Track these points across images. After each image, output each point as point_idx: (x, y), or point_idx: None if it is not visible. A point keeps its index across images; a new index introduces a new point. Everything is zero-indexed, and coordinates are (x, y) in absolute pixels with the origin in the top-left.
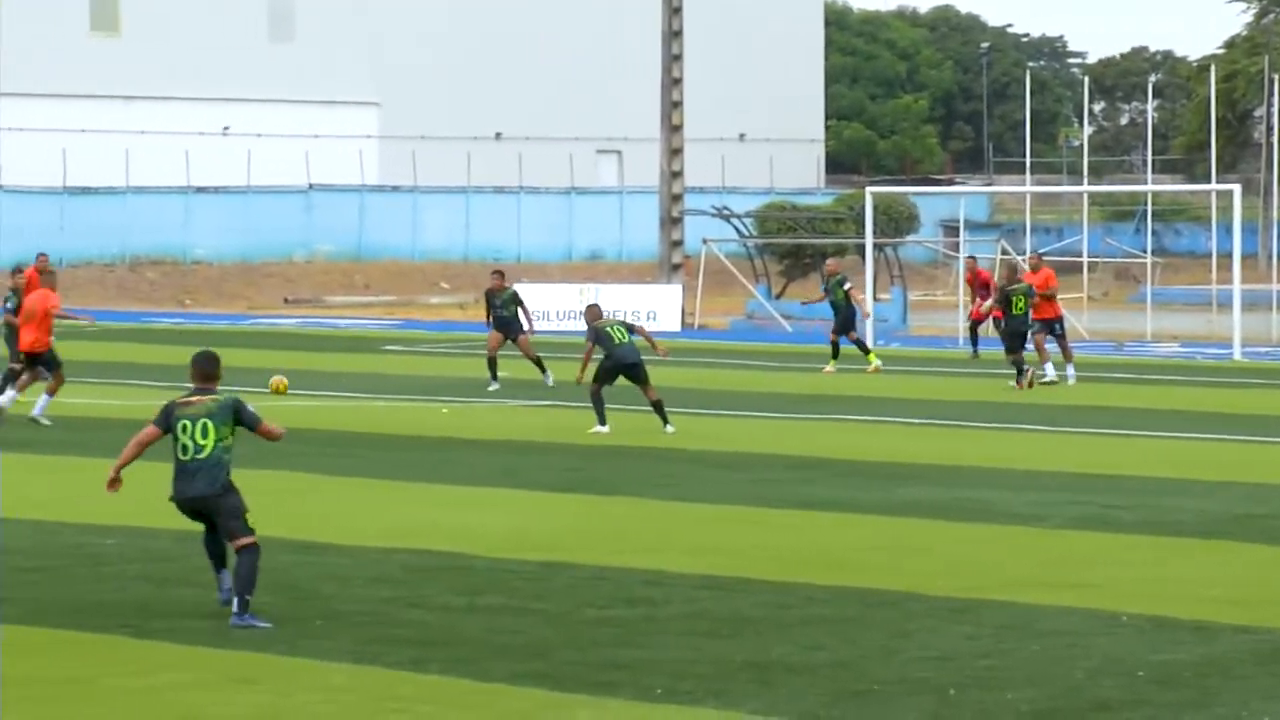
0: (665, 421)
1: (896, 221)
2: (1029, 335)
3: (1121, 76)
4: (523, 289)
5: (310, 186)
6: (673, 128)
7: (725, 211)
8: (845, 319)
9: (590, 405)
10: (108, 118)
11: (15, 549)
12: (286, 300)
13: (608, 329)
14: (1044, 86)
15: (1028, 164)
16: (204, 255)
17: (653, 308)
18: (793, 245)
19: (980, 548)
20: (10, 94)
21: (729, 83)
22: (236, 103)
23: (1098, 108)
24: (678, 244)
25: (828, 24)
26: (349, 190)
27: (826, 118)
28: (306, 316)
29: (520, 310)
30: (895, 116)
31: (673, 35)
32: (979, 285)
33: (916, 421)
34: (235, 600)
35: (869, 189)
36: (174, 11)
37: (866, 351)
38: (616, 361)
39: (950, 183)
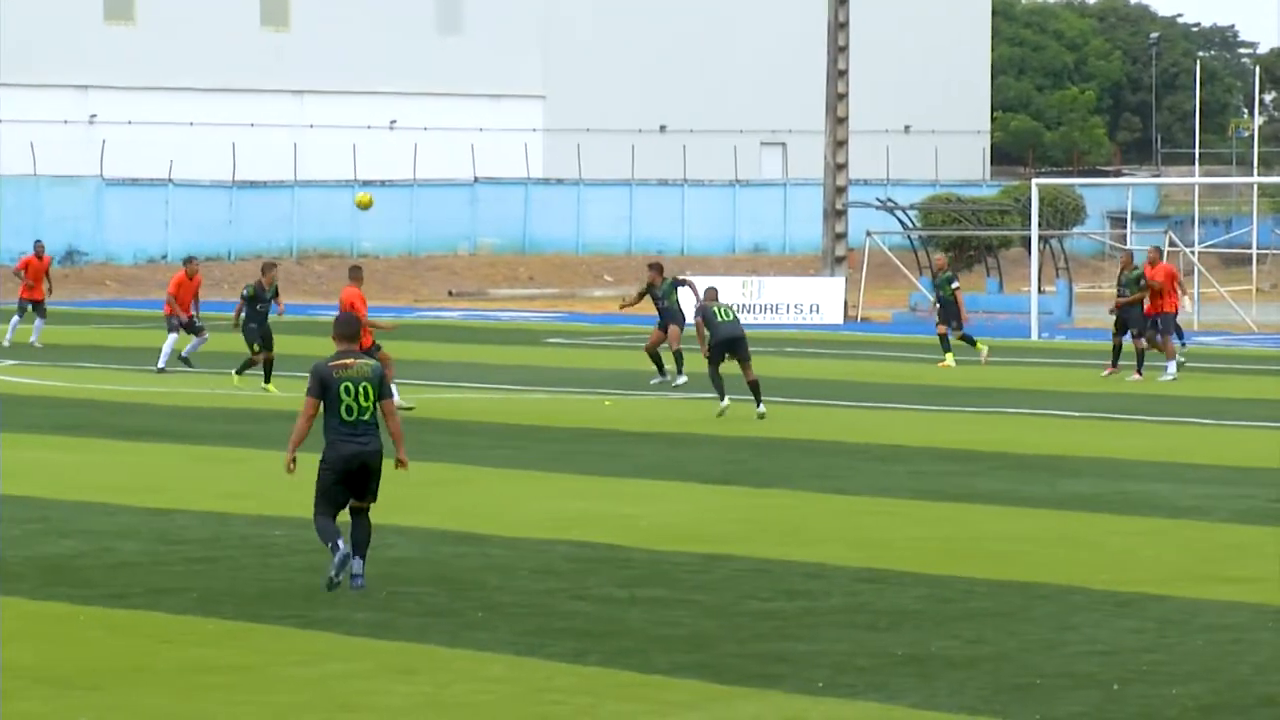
0: (758, 402)
1: (1062, 213)
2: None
3: None
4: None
5: (475, 179)
6: (837, 120)
7: (889, 204)
8: (950, 313)
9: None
10: (277, 112)
11: (187, 539)
12: (451, 293)
13: (713, 308)
14: (1214, 77)
15: (1196, 155)
16: (370, 248)
17: (816, 300)
18: (957, 237)
19: (1144, 541)
20: (182, 89)
21: (894, 74)
22: (404, 96)
23: (1268, 98)
24: (841, 236)
25: (995, 14)
26: (514, 183)
27: (993, 109)
28: (470, 309)
29: (686, 290)
30: (1062, 108)
31: (839, 26)
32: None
33: (1079, 414)
34: (356, 561)
35: (1035, 181)
36: (343, 6)
37: (972, 342)
38: (722, 337)
39: (1117, 174)
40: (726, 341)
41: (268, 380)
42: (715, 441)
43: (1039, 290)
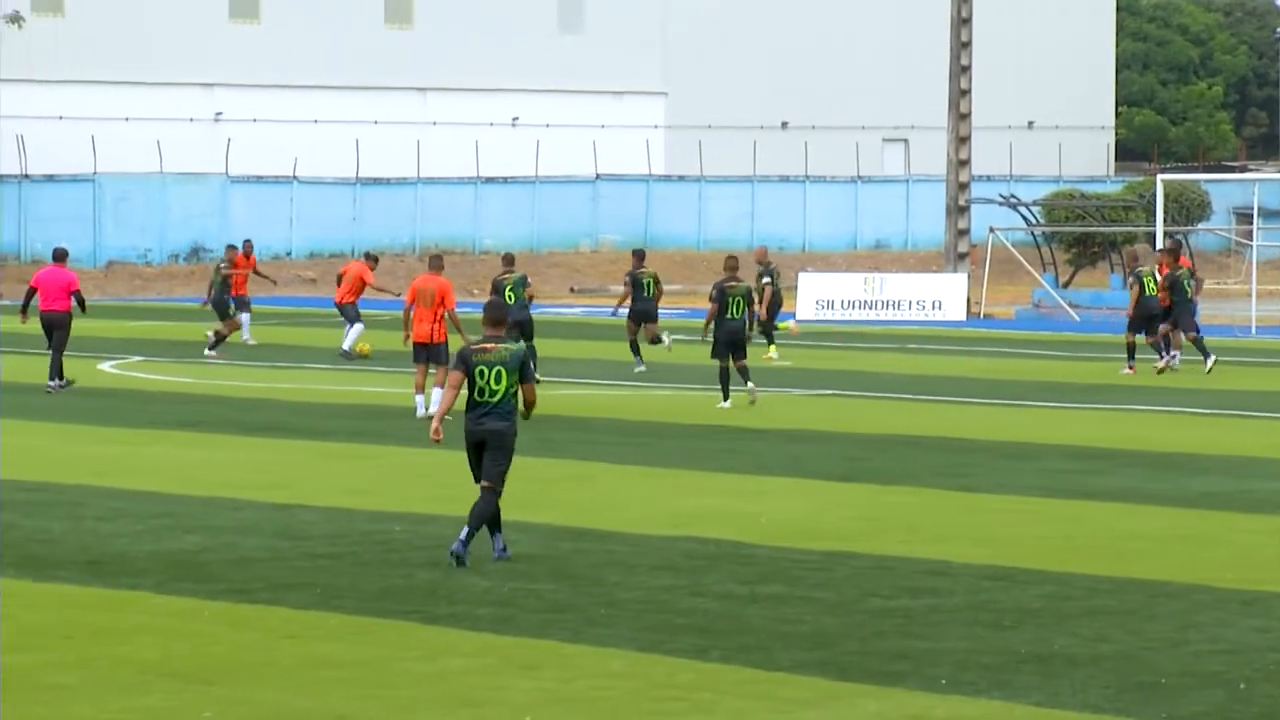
0: (745, 380)
1: (1188, 209)
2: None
3: None
4: (807, 278)
5: (597, 176)
6: (960, 115)
7: (1012, 199)
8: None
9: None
10: (400, 109)
11: (310, 535)
12: (572, 290)
13: (729, 298)
14: None
15: None
16: (492, 245)
17: (938, 297)
18: (1081, 234)
19: (1270, 539)
20: (306, 86)
21: (1017, 70)
22: (525, 93)
23: None
24: (964, 232)
25: (1119, 9)
26: (635, 180)
27: (1117, 104)
28: (591, 306)
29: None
30: (1188, 103)
31: (961, 22)
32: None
33: (1206, 411)
34: (466, 530)
35: (1160, 176)
36: (465, 4)
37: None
38: (727, 334)
39: (1243, 169)
40: (729, 341)
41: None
42: (835, 439)
43: None
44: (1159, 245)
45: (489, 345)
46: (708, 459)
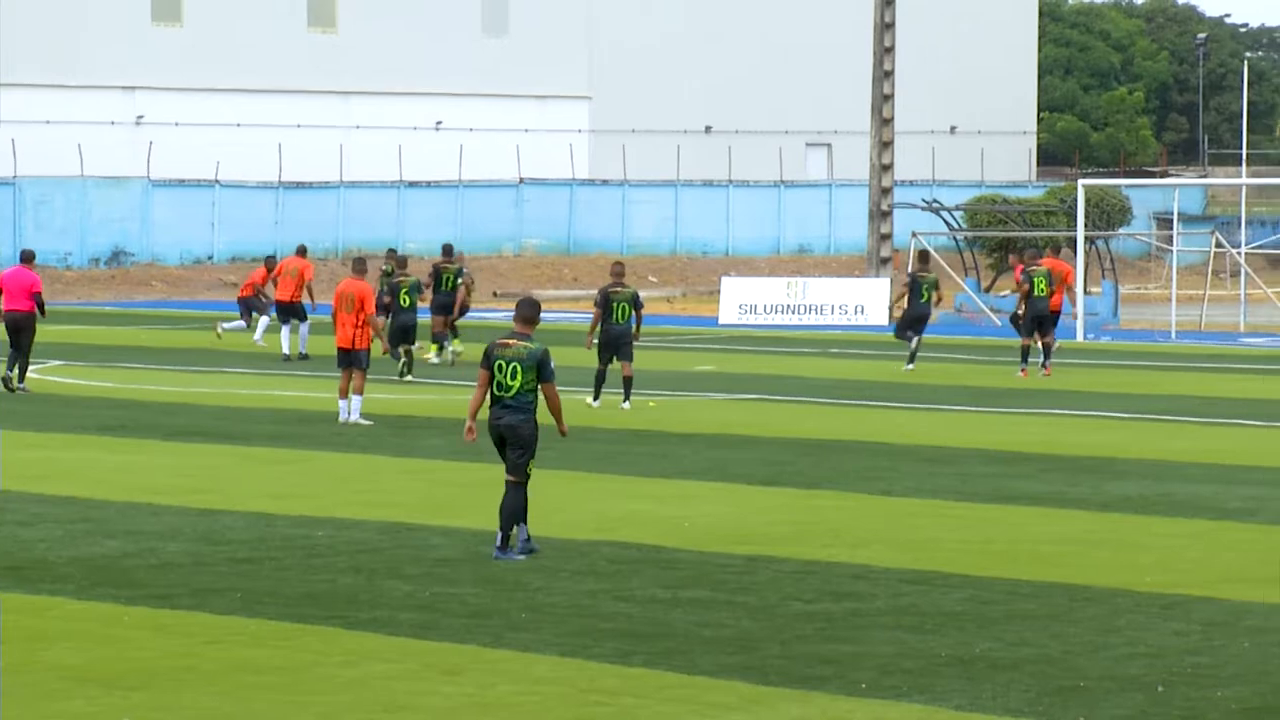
0: (626, 398)
1: (1108, 214)
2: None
3: None
4: (730, 282)
5: (521, 180)
6: (883, 120)
7: (935, 204)
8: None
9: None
10: (323, 113)
11: (232, 540)
12: (496, 294)
13: (613, 303)
14: (1261, 77)
15: (1244, 155)
16: (415, 249)
17: (861, 301)
18: (1003, 238)
19: (1190, 543)
20: (229, 89)
21: (940, 75)
22: (449, 97)
23: None
24: (887, 237)
25: (1041, 15)
26: (559, 184)
27: (1039, 110)
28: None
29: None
30: (1109, 108)
31: (885, 27)
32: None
33: (1125, 416)
34: (519, 530)
35: (1081, 182)
36: (389, 7)
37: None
38: (610, 337)
39: (1164, 175)
40: (611, 344)
41: None
42: (758, 443)
43: (1085, 291)
44: (1080, 250)
45: (510, 341)
46: (631, 463)
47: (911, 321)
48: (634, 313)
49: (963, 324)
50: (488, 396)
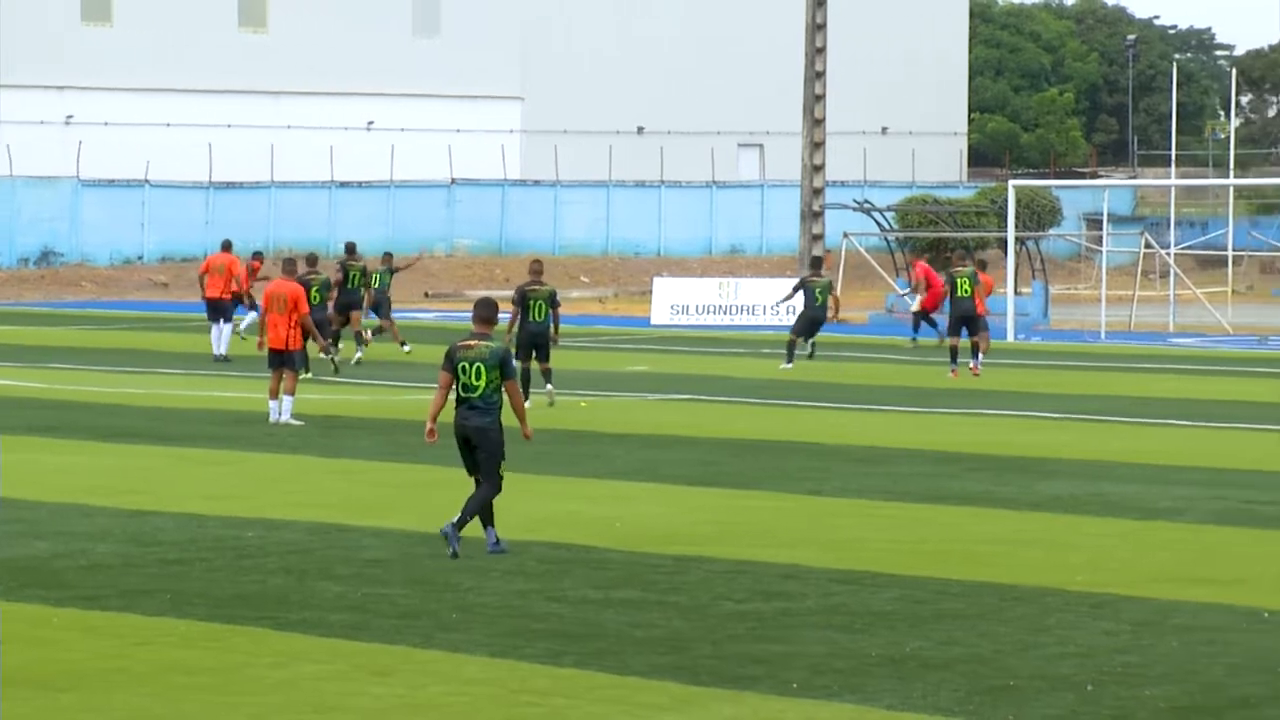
0: (547, 381)
1: (1039, 215)
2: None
3: (1270, 68)
4: (662, 282)
5: (453, 181)
6: (815, 121)
7: (866, 205)
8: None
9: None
10: (254, 113)
11: (162, 541)
12: (427, 294)
13: (530, 301)
14: (1190, 78)
15: (1173, 157)
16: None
17: (793, 302)
18: (934, 239)
19: (1120, 542)
20: (159, 89)
21: (872, 76)
22: (381, 98)
23: (1245, 100)
24: (818, 238)
25: (972, 16)
26: (491, 185)
27: (970, 111)
28: (447, 310)
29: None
30: (1039, 109)
31: (816, 28)
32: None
33: (1055, 416)
34: (485, 528)
35: (1011, 182)
36: (320, 7)
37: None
38: (529, 336)
39: (1094, 176)
40: (530, 343)
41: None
42: (691, 443)
43: (1015, 292)
44: (1010, 250)
45: (472, 342)
46: (562, 463)
47: (807, 324)
48: (551, 311)
49: (893, 324)
50: (451, 398)
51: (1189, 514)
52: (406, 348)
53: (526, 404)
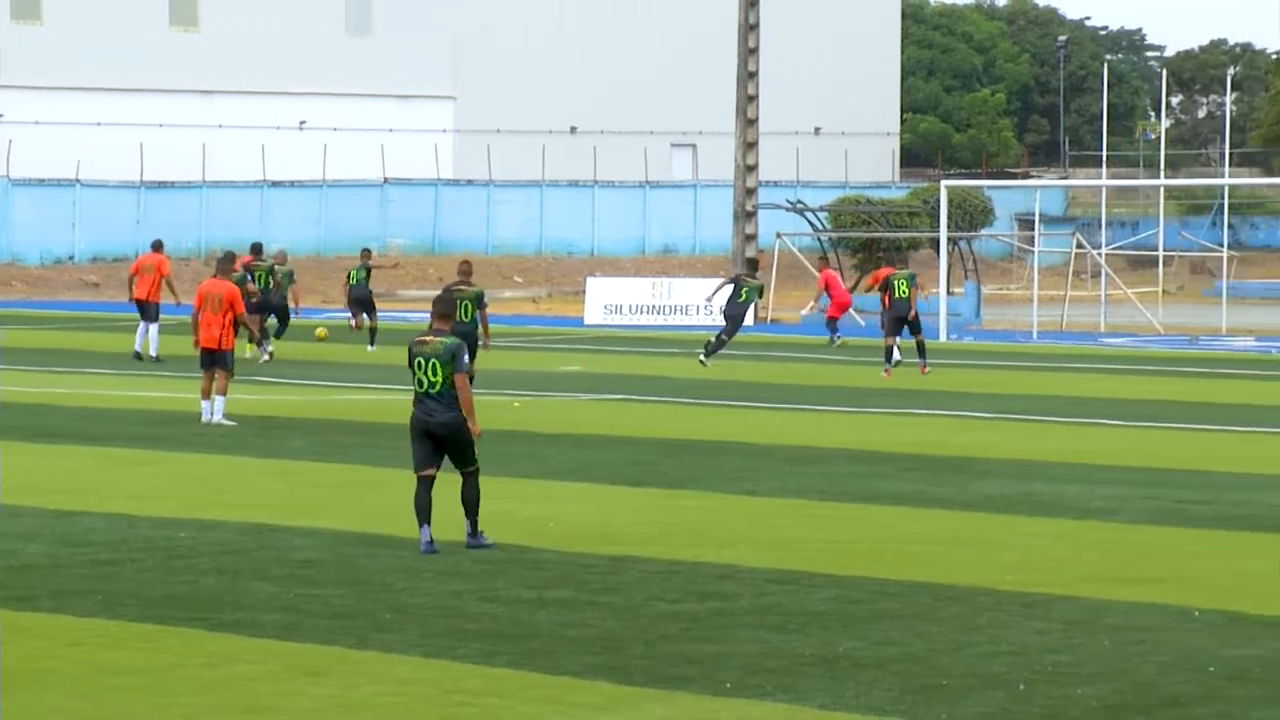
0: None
1: (971, 215)
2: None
3: (1200, 69)
4: (595, 282)
5: (385, 180)
6: (748, 121)
7: (799, 205)
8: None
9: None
10: (186, 112)
11: (93, 542)
12: None
13: (458, 301)
14: (1121, 79)
15: (1104, 157)
16: (279, 249)
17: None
18: (867, 239)
19: (1052, 542)
20: (90, 88)
21: (804, 76)
22: (313, 97)
23: (1175, 101)
24: (751, 238)
25: (904, 17)
26: (424, 184)
27: (902, 111)
28: (380, 310)
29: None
30: (971, 110)
31: (749, 28)
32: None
33: (988, 416)
34: (467, 523)
35: (944, 183)
36: (252, 6)
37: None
38: (457, 332)
39: (1025, 176)
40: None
41: None
42: (625, 443)
43: (948, 292)
44: (943, 250)
45: (428, 338)
46: (496, 463)
47: (728, 322)
48: (479, 312)
49: (825, 324)
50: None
51: (1121, 514)
52: (371, 348)
53: None
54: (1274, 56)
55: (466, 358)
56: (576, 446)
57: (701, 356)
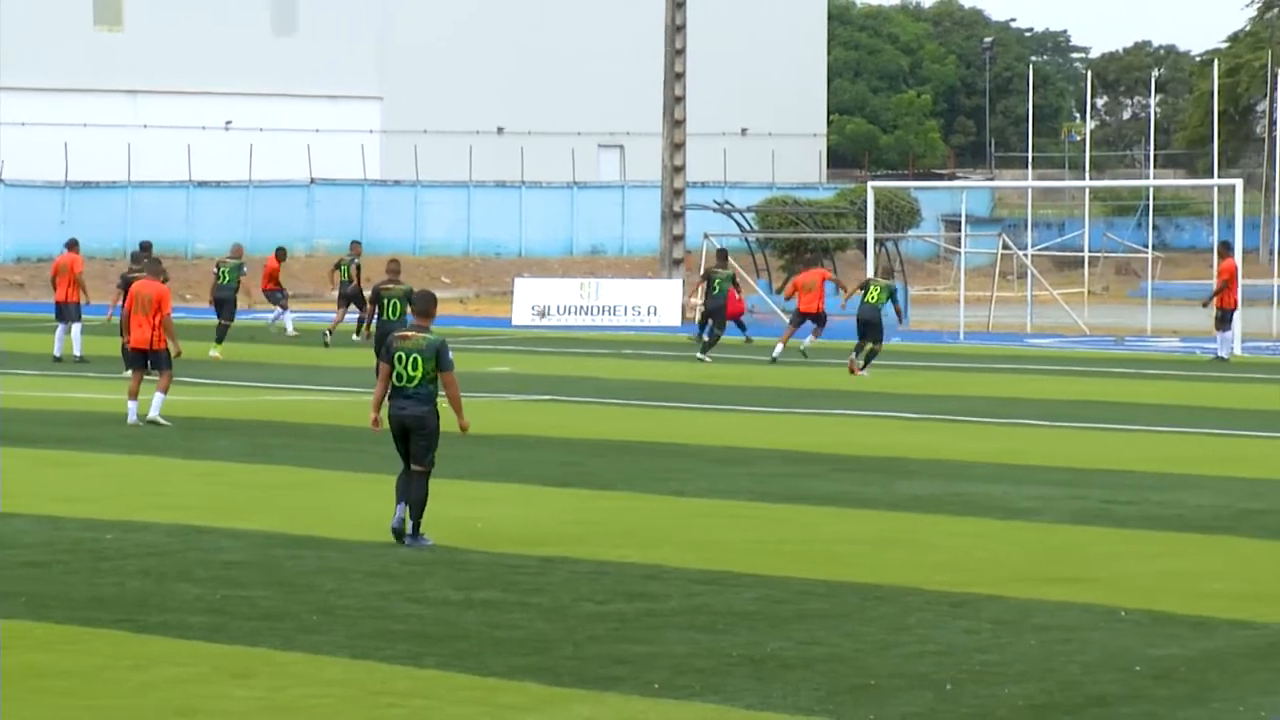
0: None
1: (898, 216)
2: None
3: (1124, 71)
4: (523, 283)
5: (312, 181)
6: (675, 122)
7: (727, 206)
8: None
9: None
10: (111, 112)
11: (19, 544)
12: (288, 295)
13: (385, 299)
14: (1047, 81)
15: (1030, 159)
16: (205, 249)
17: (654, 302)
18: (794, 240)
19: (978, 542)
20: (13, 88)
21: (731, 77)
22: (239, 97)
23: (1100, 102)
24: (679, 238)
25: (831, 18)
26: (351, 184)
27: (829, 112)
28: (307, 311)
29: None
30: (898, 111)
31: (676, 29)
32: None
33: (915, 416)
34: (410, 523)
35: (871, 183)
36: (177, 5)
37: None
38: (384, 333)
39: (952, 177)
40: (386, 338)
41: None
42: (551, 444)
43: None
44: (870, 251)
45: (410, 334)
46: None
47: (704, 315)
48: (406, 309)
49: (754, 325)
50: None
51: (1047, 514)
52: (356, 337)
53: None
54: (1198, 59)
55: (450, 355)
56: (505, 447)
57: (699, 354)
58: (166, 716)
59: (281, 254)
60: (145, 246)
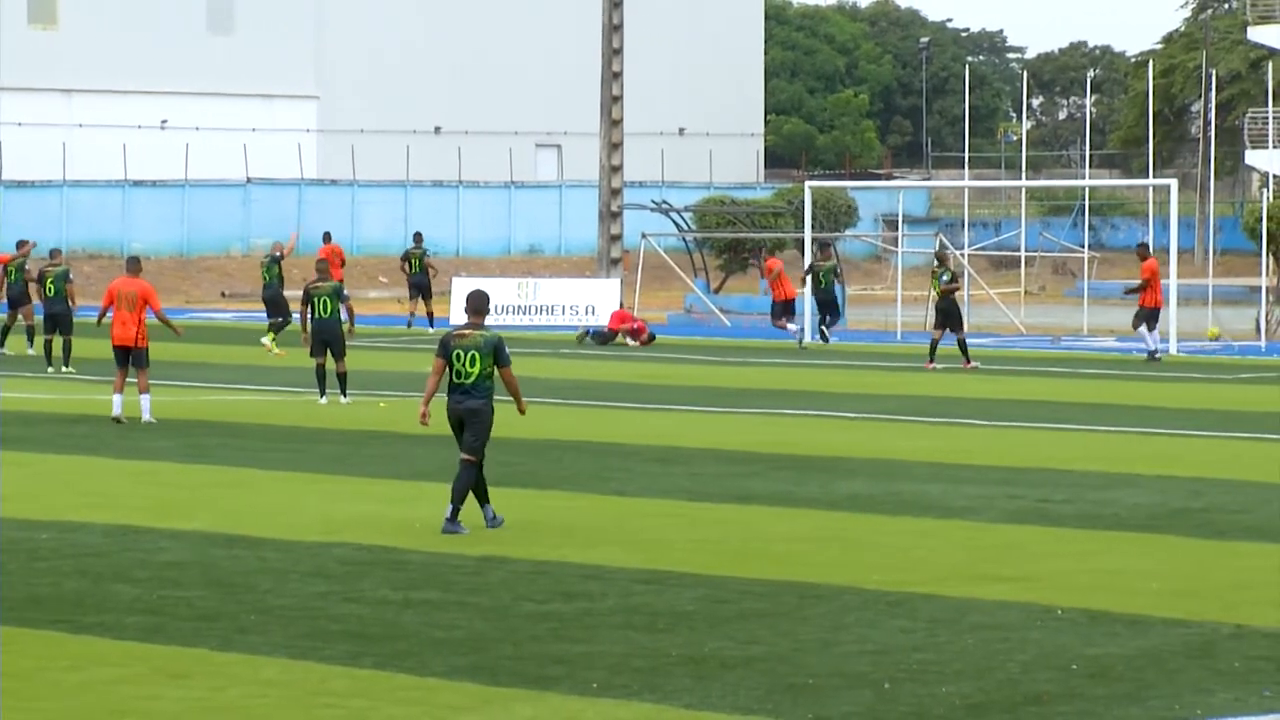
0: (343, 393)
1: (835, 216)
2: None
3: (1060, 71)
4: (461, 282)
5: (248, 180)
6: (612, 122)
7: (664, 206)
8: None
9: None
10: (45, 111)
11: None
12: (224, 294)
13: (315, 297)
14: (983, 81)
15: (966, 159)
16: (141, 249)
17: (591, 302)
18: (731, 239)
19: (916, 541)
20: None
21: (669, 77)
22: (175, 96)
23: (1036, 102)
24: (617, 238)
25: (767, 18)
26: (287, 184)
27: (766, 112)
28: (243, 310)
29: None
30: (834, 111)
31: (613, 29)
32: None
33: (853, 415)
34: (483, 510)
35: (808, 183)
36: (112, 4)
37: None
38: (316, 332)
39: (889, 177)
40: (319, 340)
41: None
42: (491, 443)
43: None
44: (807, 250)
45: (466, 331)
46: (361, 464)
47: (819, 308)
48: (339, 306)
49: (692, 324)
50: (445, 383)
51: (984, 512)
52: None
53: (323, 400)
54: (1133, 60)
55: (507, 350)
56: (443, 447)
57: (818, 339)
58: (103, 718)
59: (327, 238)
60: (53, 253)
